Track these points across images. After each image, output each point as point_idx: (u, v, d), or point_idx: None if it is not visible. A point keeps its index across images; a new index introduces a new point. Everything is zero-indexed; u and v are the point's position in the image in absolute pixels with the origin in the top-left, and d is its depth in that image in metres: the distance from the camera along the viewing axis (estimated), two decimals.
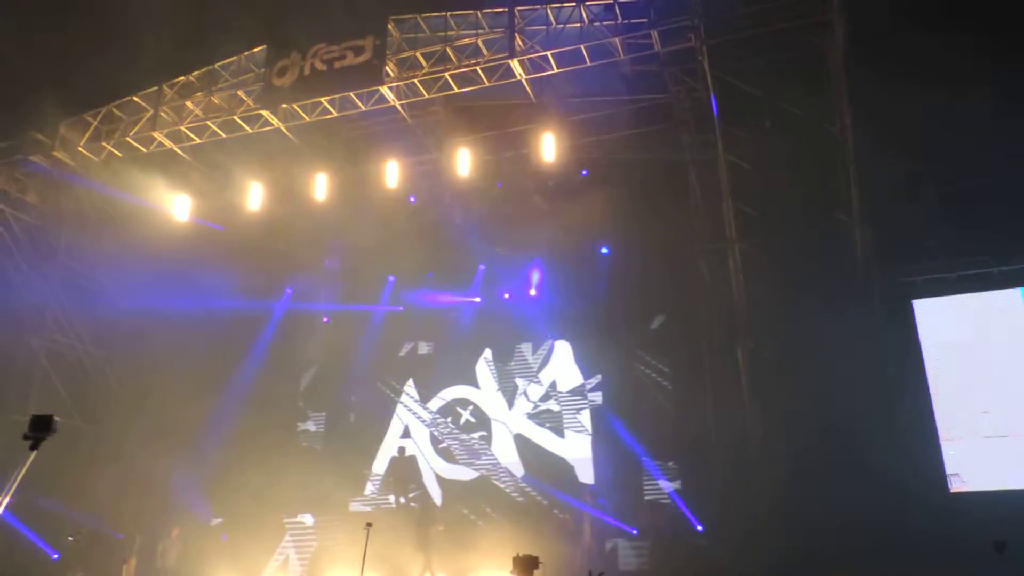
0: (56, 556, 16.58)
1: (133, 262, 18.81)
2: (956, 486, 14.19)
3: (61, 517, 16.95)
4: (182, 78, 16.85)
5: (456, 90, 15.28)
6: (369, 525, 10.87)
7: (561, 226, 18.08)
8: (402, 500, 18.81)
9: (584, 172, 17.34)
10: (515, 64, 14.47)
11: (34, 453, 5.48)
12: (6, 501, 6.60)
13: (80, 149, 17.39)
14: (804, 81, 14.02)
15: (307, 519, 19.33)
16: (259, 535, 18.54)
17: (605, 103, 16.22)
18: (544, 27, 14.40)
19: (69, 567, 16.42)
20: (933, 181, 14.55)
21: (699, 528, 15.57)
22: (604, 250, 18.27)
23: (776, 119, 14.65)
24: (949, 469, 14.33)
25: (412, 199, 18.62)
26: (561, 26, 14.28)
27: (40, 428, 5.40)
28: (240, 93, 16.39)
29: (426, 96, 15.55)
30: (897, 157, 14.47)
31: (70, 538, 16.27)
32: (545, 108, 15.94)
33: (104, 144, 17.23)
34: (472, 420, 19.26)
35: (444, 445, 19.31)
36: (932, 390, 14.86)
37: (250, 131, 16.63)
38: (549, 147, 15.55)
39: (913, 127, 13.66)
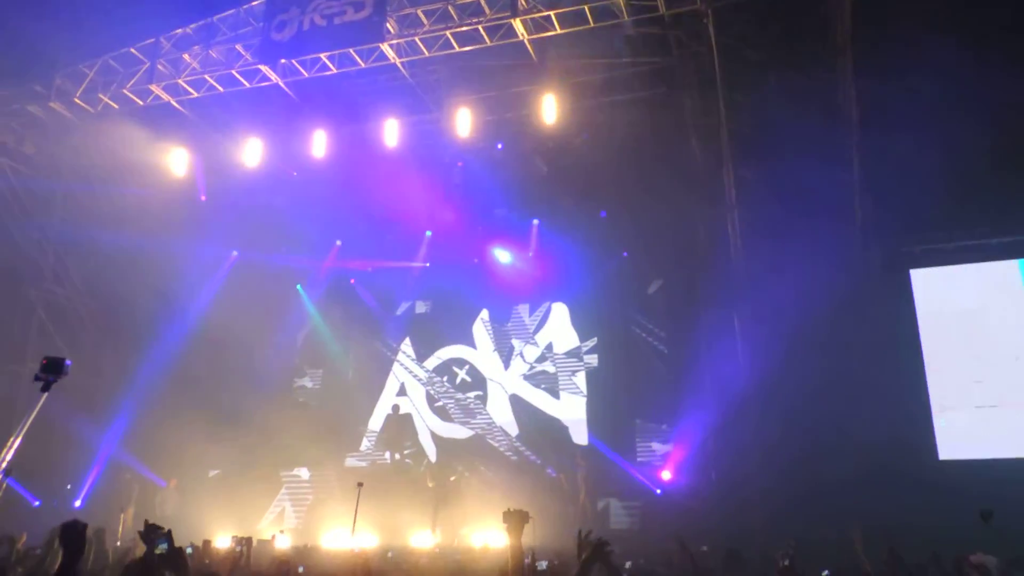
0: (37, 503, 16.71)
1: (131, 214, 18.77)
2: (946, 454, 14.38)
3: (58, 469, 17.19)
4: (180, 30, 16.63)
5: (457, 49, 15.09)
6: (360, 485, 11.01)
7: (561, 189, 18.05)
8: (397, 457, 19.04)
9: (585, 135, 17.22)
10: (517, 23, 14.27)
11: (45, 395, 5.52)
12: (17, 443, 6.69)
13: (76, 100, 17.22)
14: (809, 47, 13.87)
15: (303, 473, 19.59)
16: (256, 488, 18.80)
17: (607, 66, 16.02)
18: None
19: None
20: (934, 151, 14.46)
21: (690, 489, 15.79)
22: (603, 213, 18.23)
23: (780, 85, 14.52)
24: (940, 437, 14.50)
25: (411, 158, 18.47)
26: None
27: (52, 370, 5.42)
28: (238, 47, 16.20)
29: (427, 54, 15.36)
30: (899, 126, 14.37)
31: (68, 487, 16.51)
32: (547, 69, 15.76)
33: (101, 96, 17.04)
34: (468, 380, 19.42)
35: (440, 404, 19.49)
36: (926, 359, 14.99)
37: (248, 86, 16.47)
38: (550, 109, 15.43)
39: (916, 95, 13.53)
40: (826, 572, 7.83)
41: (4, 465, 7.50)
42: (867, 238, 15.14)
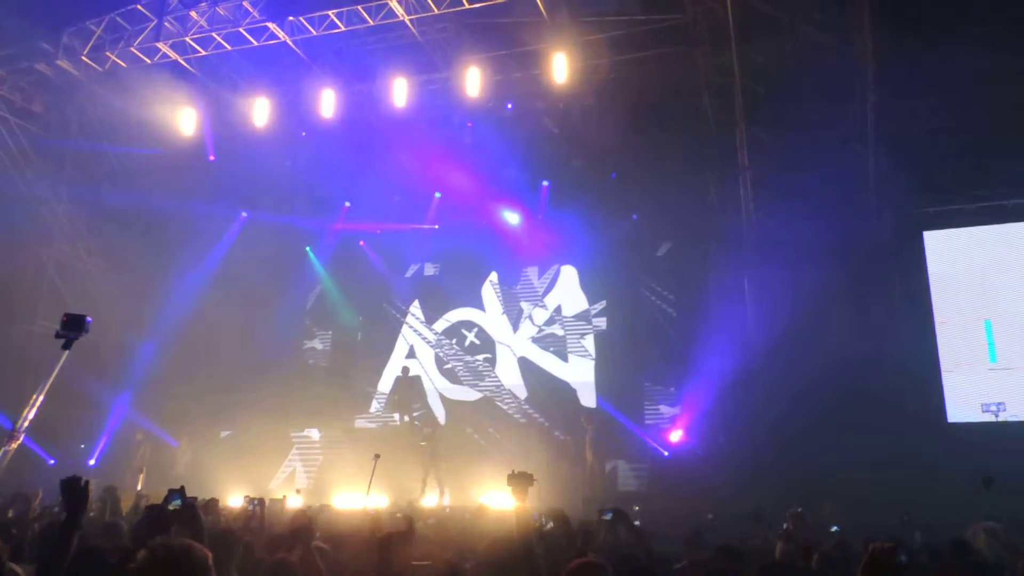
0: (52, 461, 16.89)
1: (140, 174, 18.73)
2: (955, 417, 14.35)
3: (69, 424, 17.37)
4: None
5: (467, 5, 14.83)
6: (377, 456, 11.03)
7: (571, 150, 17.85)
8: (406, 419, 19.13)
9: (595, 95, 16.97)
10: None
11: (66, 352, 5.49)
12: (40, 400, 6.70)
13: (84, 58, 17.10)
14: (826, 2, 13.56)
15: (314, 434, 19.74)
16: (267, 448, 18.96)
17: (619, 23, 15.73)
18: None
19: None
20: (951, 112, 14.20)
21: (698, 452, 15.83)
22: (613, 175, 18.04)
23: (795, 42, 14.24)
24: (950, 400, 14.45)
25: (420, 119, 18.25)
26: None
27: (73, 327, 5.38)
28: (246, 4, 15.98)
29: (436, 11, 15.11)
30: (916, 86, 14.10)
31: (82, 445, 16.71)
32: (558, 27, 15.50)
33: (108, 54, 16.92)
34: (477, 342, 19.43)
35: (449, 366, 19.53)
36: (937, 321, 14.87)
37: (256, 43, 16.28)
38: (561, 68, 15.20)
39: (934, 52, 13.24)
40: (835, 528, 7.85)
41: (26, 424, 7.52)
42: (880, 200, 14.94)
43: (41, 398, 6.82)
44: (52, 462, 16.92)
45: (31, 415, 7.02)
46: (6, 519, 7.79)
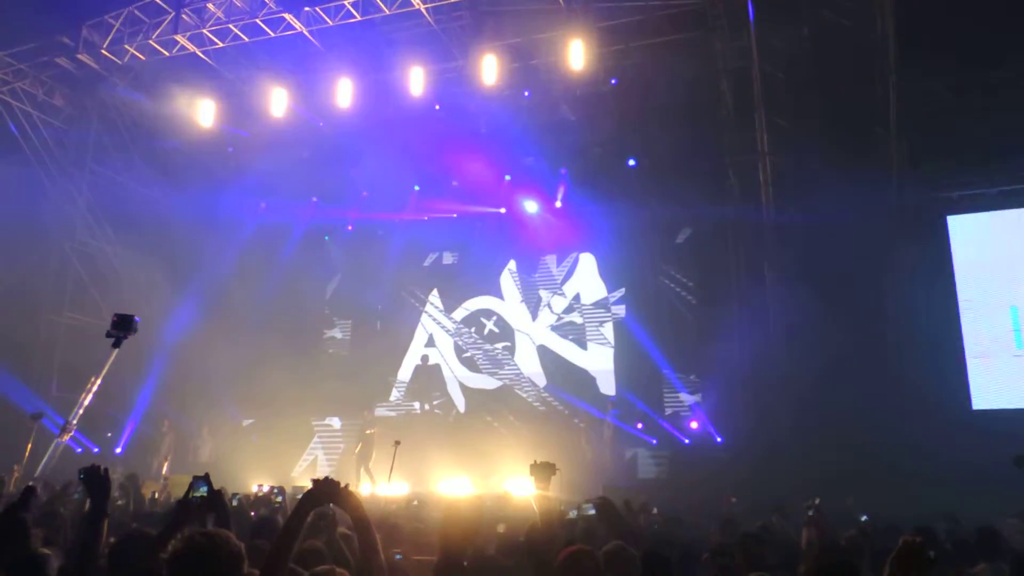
0: (96, 450, 17.18)
1: (160, 166, 18.87)
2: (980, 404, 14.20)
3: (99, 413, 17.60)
4: None
5: None
6: (397, 443, 11.12)
7: (588, 137, 17.77)
8: (427, 407, 19.25)
9: (613, 81, 16.88)
10: None
11: (116, 351, 5.61)
12: (96, 386, 6.80)
13: (103, 52, 17.23)
14: None
15: (335, 422, 19.89)
16: (288, 436, 19.12)
17: (636, 8, 15.63)
18: None
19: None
20: (973, 94, 13.99)
21: (719, 440, 15.79)
22: (631, 161, 17.95)
23: (814, 26, 14.08)
24: (974, 386, 14.31)
25: (437, 107, 18.23)
26: None
27: (123, 327, 5.51)
28: None
29: (452, 0, 15.08)
30: (937, 68, 13.90)
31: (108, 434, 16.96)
32: (574, 14, 15.42)
33: (127, 47, 17.05)
34: (496, 330, 19.46)
35: (468, 354, 19.59)
36: (961, 307, 14.71)
37: (272, 35, 16.33)
38: (577, 55, 15.12)
39: (955, 37, 13.05)
40: (865, 517, 7.83)
41: (75, 420, 7.64)
42: (903, 185, 14.77)
43: (90, 398, 6.92)
44: (96, 450, 17.22)
45: (80, 412, 7.09)
46: (51, 508, 7.90)
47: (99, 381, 5.87)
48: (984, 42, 13.15)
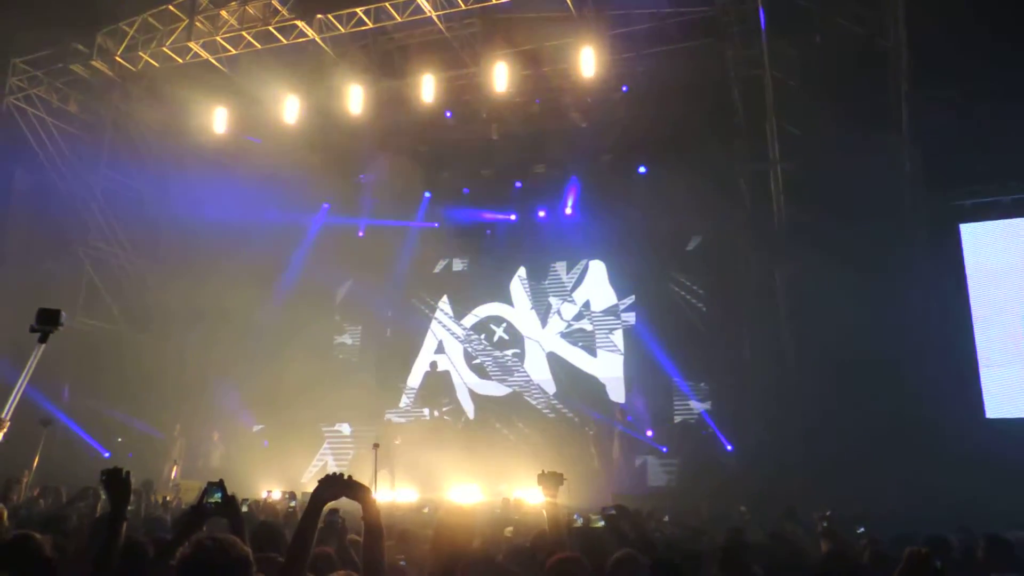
0: (107, 455, 17.27)
1: (173, 172, 18.98)
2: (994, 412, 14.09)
3: (108, 419, 17.71)
4: None
5: (494, 1, 14.83)
6: (376, 446, 11.37)
7: (599, 144, 17.78)
8: (436, 413, 19.26)
9: (624, 88, 16.88)
10: None
11: (42, 346, 5.60)
12: (25, 382, 6.72)
13: (117, 58, 17.37)
14: None
15: (345, 428, 19.92)
16: (299, 442, 19.15)
17: (647, 16, 15.59)
18: None
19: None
20: (986, 101, 13.90)
21: (729, 448, 15.73)
22: (642, 169, 17.94)
23: (826, 34, 14.04)
24: (987, 395, 14.20)
25: (448, 114, 18.27)
26: None
27: (48, 321, 5.52)
28: (275, 2, 16.11)
29: (463, 7, 15.12)
30: (950, 75, 13.83)
31: (119, 439, 17.03)
32: (585, 21, 15.41)
33: (141, 54, 17.17)
34: (505, 337, 19.46)
35: (477, 361, 19.59)
36: (974, 315, 14.61)
37: (285, 42, 16.41)
38: (588, 62, 15.12)
39: (968, 43, 12.98)
40: (862, 529, 7.78)
41: (8, 415, 7.55)
42: (915, 193, 14.69)
43: (21, 391, 6.78)
44: (107, 454, 17.31)
45: (14, 405, 6.97)
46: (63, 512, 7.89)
47: (27, 377, 5.78)
48: (997, 49, 13.07)
